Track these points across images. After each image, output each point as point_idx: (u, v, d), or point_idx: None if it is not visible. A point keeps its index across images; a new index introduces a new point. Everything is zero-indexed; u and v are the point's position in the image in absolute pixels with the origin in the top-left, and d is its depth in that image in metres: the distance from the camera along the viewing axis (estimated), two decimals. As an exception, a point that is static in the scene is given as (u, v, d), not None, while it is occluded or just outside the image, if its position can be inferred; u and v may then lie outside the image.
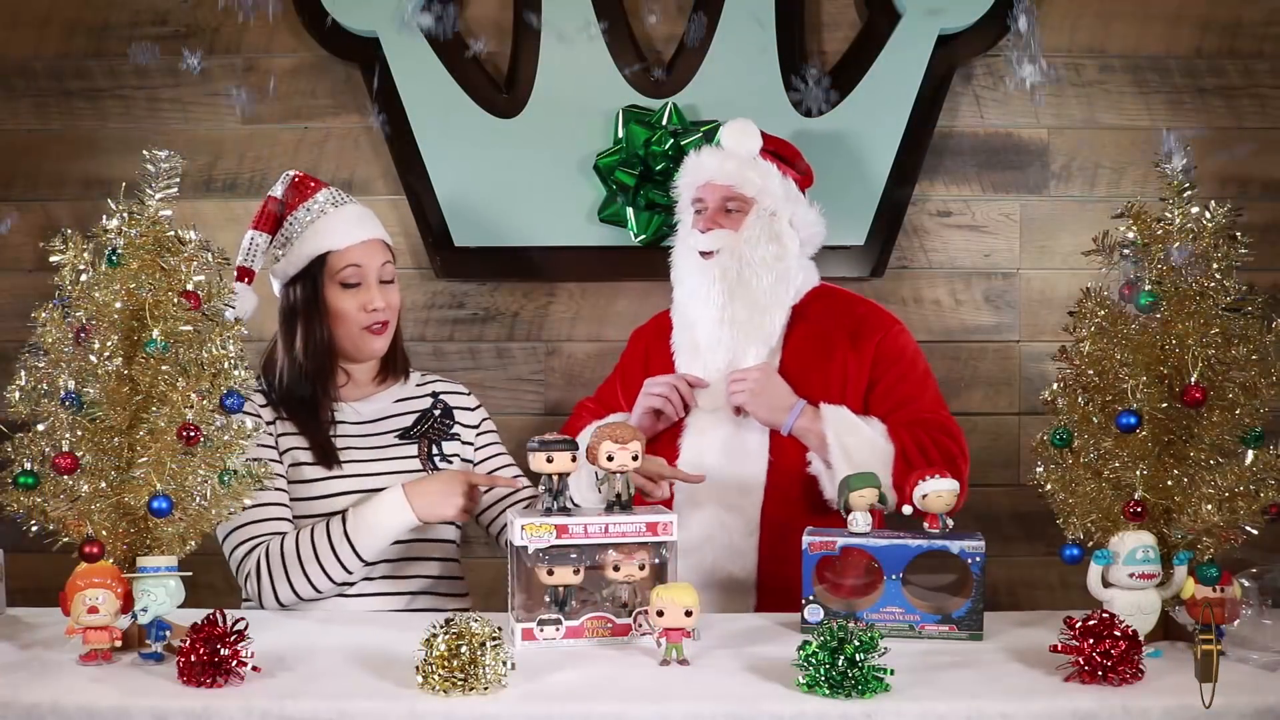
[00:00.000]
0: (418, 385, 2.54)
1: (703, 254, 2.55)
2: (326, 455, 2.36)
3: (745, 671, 1.83)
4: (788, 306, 2.58)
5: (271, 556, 2.27)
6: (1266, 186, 3.09)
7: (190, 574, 1.95)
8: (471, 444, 2.51)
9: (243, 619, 1.81)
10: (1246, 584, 1.98)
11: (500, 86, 3.06)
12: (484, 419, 2.57)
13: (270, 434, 2.37)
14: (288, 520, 2.34)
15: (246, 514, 2.29)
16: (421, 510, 2.26)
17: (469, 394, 2.59)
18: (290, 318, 2.42)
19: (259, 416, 2.37)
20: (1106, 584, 1.97)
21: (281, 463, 2.37)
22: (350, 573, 2.27)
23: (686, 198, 2.64)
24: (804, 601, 2.04)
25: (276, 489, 2.33)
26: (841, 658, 1.70)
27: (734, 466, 2.51)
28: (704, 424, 2.55)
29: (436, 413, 2.48)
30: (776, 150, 2.63)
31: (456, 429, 2.49)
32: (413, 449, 2.43)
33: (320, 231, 2.39)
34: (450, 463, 2.46)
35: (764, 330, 2.54)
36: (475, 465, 2.50)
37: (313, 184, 2.43)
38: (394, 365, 2.51)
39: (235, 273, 2.37)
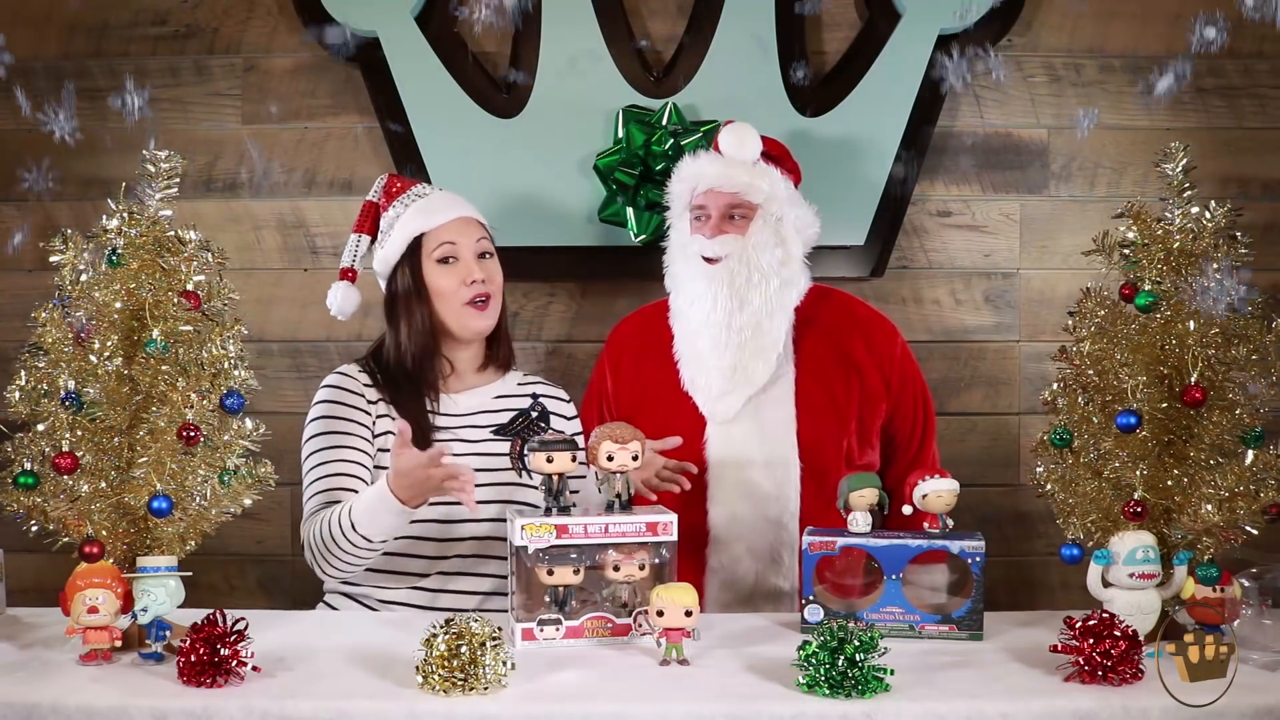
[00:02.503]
0: (519, 384, 2.54)
1: (707, 259, 2.52)
2: (423, 436, 2.35)
3: (745, 671, 1.83)
4: (791, 311, 2.56)
5: (314, 537, 2.27)
6: (1266, 186, 3.09)
7: (190, 574, 1.95)
8: None
9: (243, 619, 1.81)
10: (1246, 584, 1.98)
11: (500, 86, 3.06)
12: (576, 433, 2.53)
13: (369, 412, 2.40)
14: (365, 487, 2.31)
15: (325, 479, 2.32)
16: (400, 493, 2.16)
17: (569, 401, 2.59)
18: (393, 305, 2.46)
19: (362, 395, 2.40)
20: (1106, 584, 1.97)
21: (371, 443, 2.38)
22: (369, 554, 2.23)
23: (683, 203, 2.59)
24: (804, 601, 2.05)
25: (360, 450, 2.35)
26: (841, 658, 1.70)
27: (766, 474, 2.49)
28: (728, 433, 2.51)
29: (534, 414, 2.47)
30: (768, 150, 2.60)
31: (550, 434, 2.44)
32: (505, 446, 2.43)
33: (411, 217, 2.45)
34: None
35: (770, 337, 2.51)
36: None
37: (402, 183, 2.52)
38: (498, 353, 2.52)
39: (340, 273, 2.49)
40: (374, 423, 2.40)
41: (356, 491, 2.31)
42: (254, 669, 1.78)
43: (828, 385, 2.54)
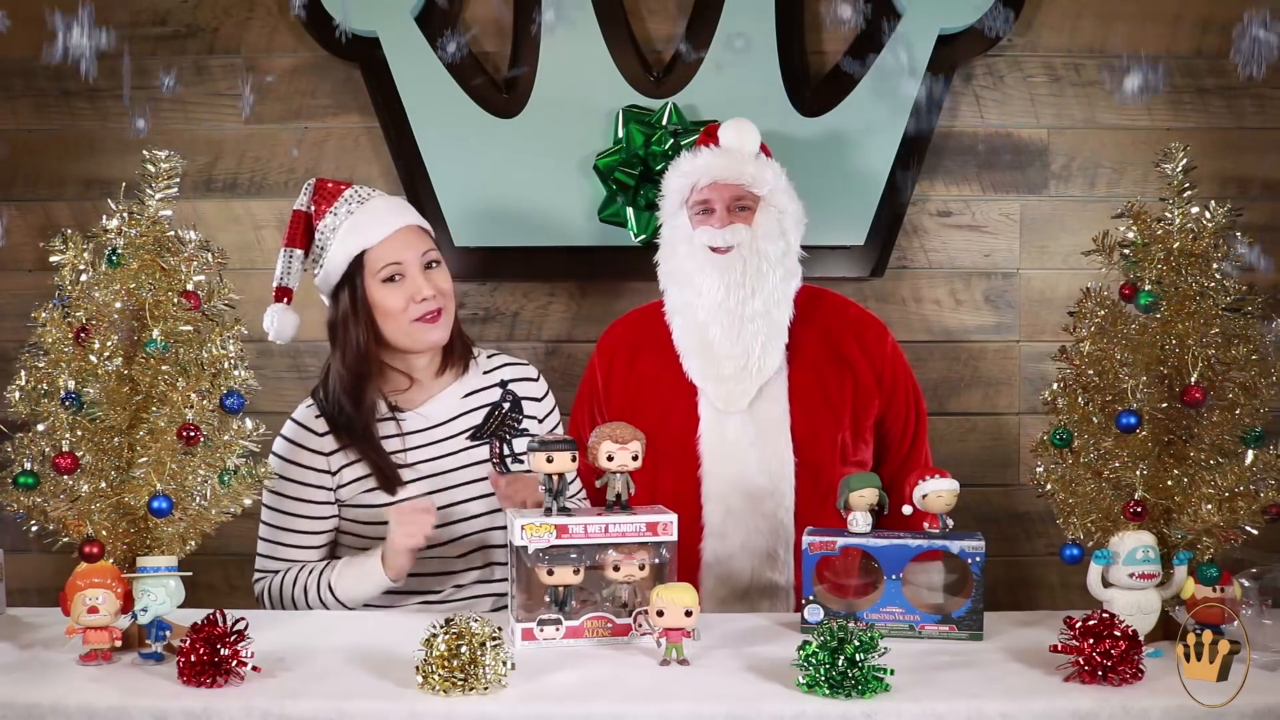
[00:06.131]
0: (484, 373, 2.46)
1: (716, 249, 2.52)
2: (387, 479, 2.31)
3: (745, 671, 1.83)
4: (791, 304, 2.56)
5: (272, 590, 2.33)
6: (1266, 186, 3.09)
7: (190, 574, 1.95)
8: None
9: (243, 619, 1.81)
10: (1246, 584, 1.98)
11: (500, 86, 3.06)
12: (550, 410, 2.49)
13: (327, 469, 2.34)
14: (312, 552, 2.36)
15: (271, 545, 2.35)
16: (393, 574, 2.26)
17: (538, 379, 2.51)
18: (334, 328, 2.36)
19: (319, 452, 2.34)
20: (1106, 584, 1.97)
21: (329, 503, 2.35)
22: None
23: (680, 199, 2.58)
24: (804, 601, 2.05)
25: (309, 518, 2.34)
26: (841, 658, 1.70)
27: (761, 469, 2.50)
28: (722, 429, 2.51)
29: (505, 406, 2.40)
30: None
31: (526, 423, 2.42)
32: (484, 451, 2.38)
33: (351, 232, 2.31)
34: (521, 462, 2.38)
35: (779, 325, 2.51)
36: None
37: (334, 186, 2.37)
38: (454, 352, 2.41)
39: (274, 294, 2.34)
40: (335, 475, 2.34)
41: (303, 558, 2.34)
42: (254, 669, 1.78)
43: (821, 381, 2.54)
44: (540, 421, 2.48)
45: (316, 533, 2.35)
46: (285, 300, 2.35)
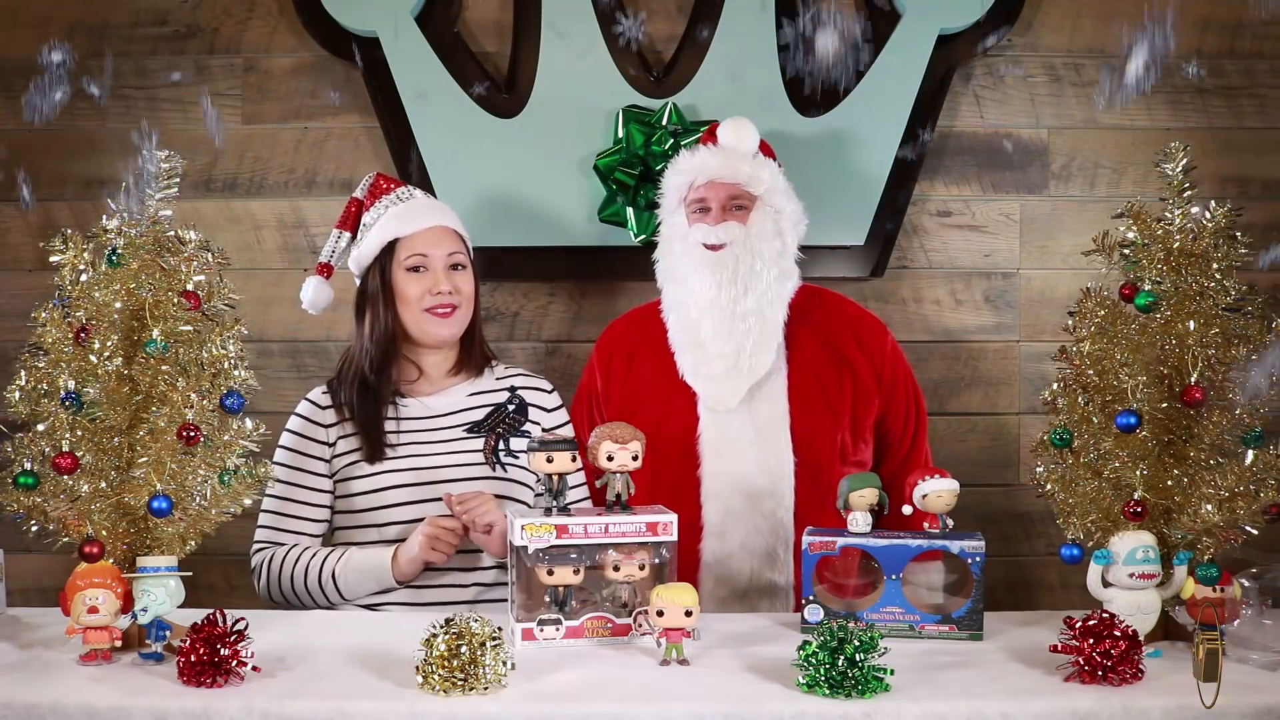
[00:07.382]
0: (497, 379, 2.54)
1: (709, 246, 2.53)
2: (372, 448, 2.39)
3: (745, 671, 1.83)
4: (787, 304, 2.56)
5: (271, 563, 2.36)
6: (1266, 186, 3.09)
7: (190, 574, 1.96)
8: None
9: (243, 619, 1.81)
10: (1246, 584, 1.98)
11: (500, 86, 3.06)
12: (563, 423, 2.54)
13: (325, 440, 2.42)
14: (311, 525, 2.41)
15: (273, 516, 2.40)
16: (400, 578, 2.32)
17: (552, 392, 2.58)
18: (361, 305, 2.49)
19: (320, 424, 2.42)
20: (1106, 584, 1.97)
21: (327, 475, 2.42)
22: (332, 605, 2.34)
23: (678, 196, 2.59)
24: (804, 601, 2.05)
25: (313, 489, 2.41)
26: (841, 658, 1.70)
27: (760, 468, 2.49)
28: (721, 428, 2.52)
29: (511, 408, 2.48)
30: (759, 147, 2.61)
31: (528, 427, 2.48)
32: (479, 443, 2.44)
33: (391, 220, 2.47)
34: (516, 458, 2.44)
35: (772, 326, 2.52)
36: None
37: (389, 184, 2.54)
38: (470, 358, 2.52)
39: (316, 268, 2.52)
40: (332, 445, 2.42)
41: (302, 529, 2.40)
42: (254, 669, 1.79)
43: (820, 381, 2.54)
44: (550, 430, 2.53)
45: (319, 505, 2.42)
46: (325, 275, 2.53)
